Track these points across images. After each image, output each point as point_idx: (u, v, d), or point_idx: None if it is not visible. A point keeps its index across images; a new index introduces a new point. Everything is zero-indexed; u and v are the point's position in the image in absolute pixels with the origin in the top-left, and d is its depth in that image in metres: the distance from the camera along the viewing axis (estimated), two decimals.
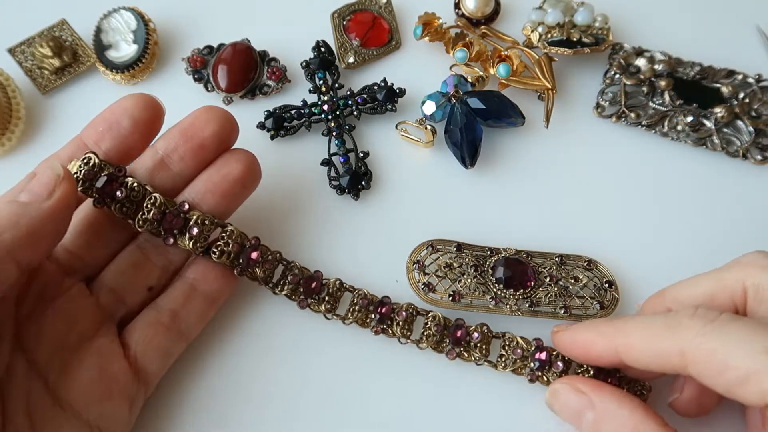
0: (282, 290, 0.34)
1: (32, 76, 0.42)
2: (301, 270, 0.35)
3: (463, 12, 0.44)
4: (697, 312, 0.27)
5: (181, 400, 0.34)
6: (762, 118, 0.40)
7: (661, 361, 0.28)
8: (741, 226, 0.39)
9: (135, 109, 0.31)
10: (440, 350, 0.34)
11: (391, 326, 0.34)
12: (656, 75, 0.42)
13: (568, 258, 0.37)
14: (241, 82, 0.41)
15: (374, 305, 0.34)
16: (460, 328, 0.34)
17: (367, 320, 0.34)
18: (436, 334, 0.34)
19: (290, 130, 0.40)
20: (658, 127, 0.41)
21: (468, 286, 0.35)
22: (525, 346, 0.33)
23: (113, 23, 0.42)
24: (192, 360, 0.35)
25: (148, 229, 0.32)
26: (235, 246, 0.33)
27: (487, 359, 0.34)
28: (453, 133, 0.39)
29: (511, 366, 0.33)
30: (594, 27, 0.42)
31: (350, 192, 0.39)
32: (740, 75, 0.42)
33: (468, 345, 0.34)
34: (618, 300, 0.36)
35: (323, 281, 0.35)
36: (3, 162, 0.40)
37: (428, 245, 0.36)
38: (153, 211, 0.31)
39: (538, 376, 0.33)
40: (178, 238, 0.32)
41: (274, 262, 0.34)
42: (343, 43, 0.43)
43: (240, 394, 0.34)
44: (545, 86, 0.40)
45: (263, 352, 0.35)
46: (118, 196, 0.31)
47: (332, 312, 0.34)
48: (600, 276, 0.36)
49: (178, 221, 0.32)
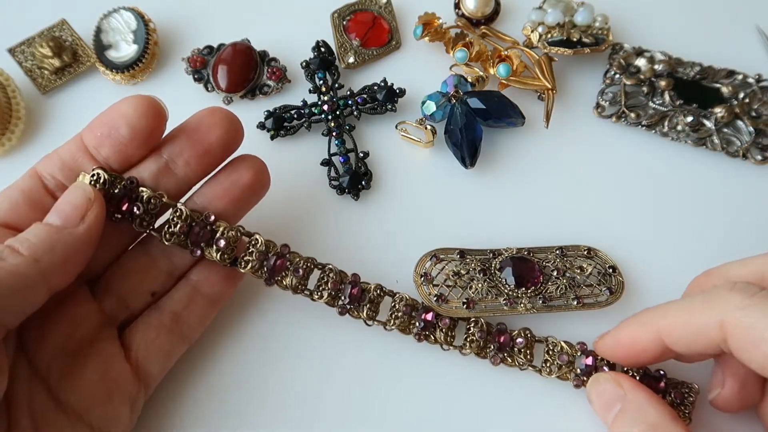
0: (321, 297, 0.33)
1: (32, 76, 0.42)
2: (338, 274, 0.33)
3: (463, 12, 0.44)
4: (736, 286, 0.27)
5: (181, 400, 0.34)
6: (762, 118, 0.40)
7: (702, 338, 0.28)
8: (741, 226, 0.39)
9: (134, 116, 0.30)
10: (483, 356, 0.34)
11: (434, 332, 0.34)
12: (656, 75, 0.42)
13: (568, 249, 0.37)
14: (241, 82, 0.41)
15: (417, 311, 0.34)
16: (503, 333, 0.34)
17: (409, 326, 0.34)
18: (480, 340, 0.33)
19: (290, 130, 0.40)
20: (658, 127, 0.41)
21: (480, 292, 0.35)
22: (570, 351, 0.33)
23: (113, 23, 0.42)
24: (193, 360, 0.35)
25: (176, 243, 0.31)
26: (261, 255, 0.32)
27: (531, 364, 0.34)
28: (453, 133, 0.39)
29: (557, 372, 0.33)
30: (594, 27, 0.42)
31: (350, 192, 0.39)
32: (740, 75, 0.42)
33: (512, 350, 0.34)
34: (623, 283, 0.36)
35: (363, 286, 0.34)
36: (3, 162, 0.40)
37: (431, 256, 0.36)
38: (180, 224, 0.31)
39: (584, 381, 0.33)
40: (206, 250, 0.32)
41: (304, 268, 0.33)
42: (343, 43, 0.43)
43: (246, 393, 0.34)
44: (545, 86, 0.40)
45: (266, 353, 0.35)
46: (135, 213, 0.31)
47: (373, 319, 0.33)
48: (602, 262, 0.37)
49: (206, 233, 0.31)
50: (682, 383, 0.33)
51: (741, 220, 0.39)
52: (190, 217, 0.31)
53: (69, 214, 0.28)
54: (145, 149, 0.31)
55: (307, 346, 0.35)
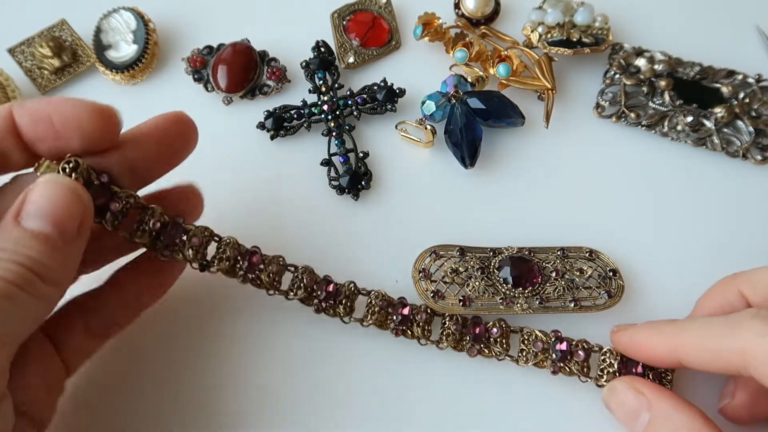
0: (296, 295, 0.33)
1: (32, 76, 0.42)
2: (311, 274, 0.33)
3: (463, 12, 0.44)
4: (759, 314, 0.27)
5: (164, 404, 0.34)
6: (762, 118, 0.40)
7: (720, 361, 0.28)
8: (741, 226, 0.39)
9: (88, 127, 0.28)
10: (460, 349, 0.34)
11: (411, 327, 0.34)
12: (656, 75, 0.42)
13: (569, 250, 0.37)
14: (241, 82, 0.41)
15: (393, 306, 0.34)
16: (478, 324, 0.34)
17: (387, 322, 0.34)
18: (456, 333, 0.34)
19: (290, 130, 0.40)
20: (658, 127, 0.41)
21: (477, 290, 0.35)
22: (545, 339, 0.34)
23: (113, 23, 0.42)
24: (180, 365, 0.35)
25: (145, 241, 0.30)
26: (234, 251, 0.32)
27: (508, 354, 0.34)
28: (453, 133, 0.39)
29: (533, 359, 0.34)
30: (594, 27, 0.42)
31: (350, 192, 0.39)
32: (740, 75, 0.42)
33: (488, 341, 0.34)
34: (623, 287, 0.36)
35: (337, 285, 0.34)
36: None
37: (431, 252, 0.36)
38: (153, 221, 0.30)
39: (560, 367, 0.33)
40: (176, 251, 0.30)
41: (279, 266, 0.33)
42: (343, 43, 0.43)
43: (223, 396, 0.34)
44: (545, 86, 0.40)
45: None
46: (113, 209, 0.29)
47: (349, 315, 0.34)
48: (603, 265, 0.37)
49: (178, 234, 0.30)
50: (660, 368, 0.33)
51: (741, 220, 0.39)
52: (163, 216, 0.30)
53: (64, 223, 0.26)
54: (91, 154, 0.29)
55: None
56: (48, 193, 0.26)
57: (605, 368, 0.33)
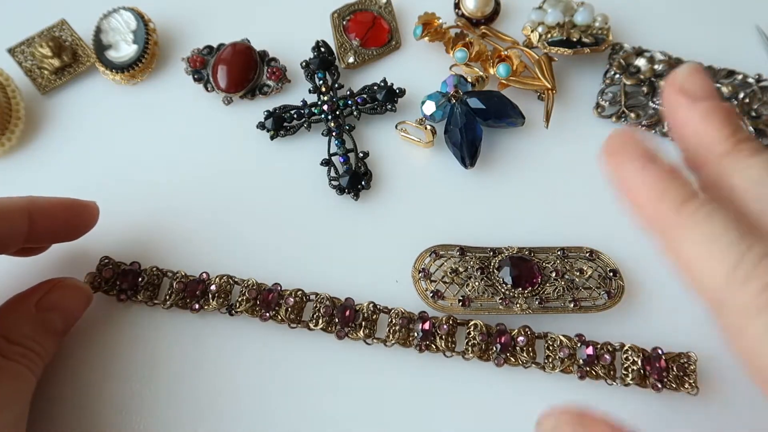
0: (317, 325, 0.34)
1: (32, 76, 0.42)
2: (331, 300, 0.34)
3: (463, 12, 0.44)
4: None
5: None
6: (762, 118, 0.40)
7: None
8: None
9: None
10: (486, 358, 0.34)
11: (434, 341, 0.34)
12: (656, 75, 0.42)
13: (570, 251, 0.37)
14: (241, 82, 0.41)
15: (413, 322, 0.34)
16: (503, 333, 0.34)
17: (409, 338, 0.34)
18: (481, 343, 0.33)
19: (290, 130, 0.40)
20: (658, 127, 0.41)
21: (476, 290, 0.35)
22: (569, 344, 0.33)
23: (113, 23, 0.42)
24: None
25: (175, 304, 0.35)
26: (252, 292, 0.35)
27: (534, 361, 0.33)
28: (453, 133, 0.39)
29: (560, 366, 0.33)
30: (594, 27, 0.42)
31: (350, 192, 0.39)
32: (740, 75, 0.42)
33: (514, 349, 0.34)
34: (624, 288, 0.36)
35: (356, 307, 0.34)
36: (3, 162, 0.40)
37: (431, 252, 0.36)
38: (176, 284, 0.35)
39: (587, 372, 0.33)
40: (203, 303, 0.35)
41: (297, 300, 0.34)
42: (343, 43, 0.43)
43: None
44: (545, 86, 0.40)
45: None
46: (139, 283, 0.35)
47: (372, 336, 0.34)
48: (603, 265, 0.36)
49: (201, 287, 0.35)
50: (679, 355, 0.33)
51: None
52: (186, 277, 0.35)
53: (74, 322, 0.34)
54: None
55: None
56: (65, 294, 0.33)
57: (629, 366, 0.33)
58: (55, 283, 0.33)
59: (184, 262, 0.37)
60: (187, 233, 0.38)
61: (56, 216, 0.33)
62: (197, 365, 0.35)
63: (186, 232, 0.38)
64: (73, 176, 0.40)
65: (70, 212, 0.34)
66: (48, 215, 0.32)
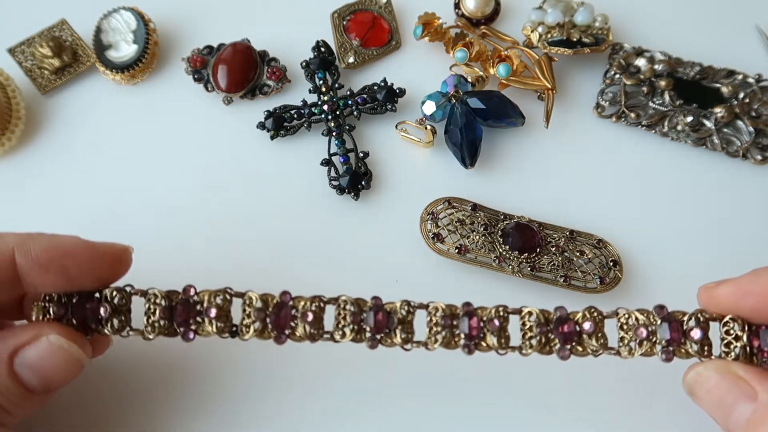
0: (344, 337, 0.28)
1: (32, 76, 0.42)
2: (356, 304, 0.29)
3: (463, 12, 0.44)
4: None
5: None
6: (762, 118, 0.40)
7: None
8: (740, 226, 0.39)
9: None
10: (548, 352, 0.28)
11: (484, 339, 0.28)
12: (656, 75, 0.42)
13: (579, 234, 0.37)
14: (241, 82, 0.41)
15: (458, 318, 0.28)
16: (565, 321, 0.28)
17: (454, 339, 0.28)
18: (540, 335, 0.28)
19: (290, 130, 0.40)
20: (658, 127, 0.41)
21: (475, 243, 0.36)
22: (647, 321, 0.27)
23: (113, 23, 0.42)
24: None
25: (161, 332, 0.28)
26: (260, 314, 0.28)
27: (607, 347, 0.28)
28: (453, 133, 0.39)
29: (639, 350, 0.27)
30: (594, 27, 0.42)
31: (350, 192, 0.39)
32: (740, 75, 0.42)
33: (580, 337, 0.28)
34: (620, 279, 0.36)
35: (387, 309, 0.29)
36: (3, 162, 0.40)
37: (445, 200, 0.37)
38: (158, 309, 0.28)
39: (674, 351, 0.27)
40: (198, 327, 0.28)
41: (314, 310, 0.28)
42: (343, 43, 0.43)
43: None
44: (545, 86, 0.40)
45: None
46: (102, 315, 0.28)
47: (410, 341, 0.29)
48: (606, 254, 0.37)
49: (190, 309, 0.28)
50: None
51: (741, 220, 0.39)
52: (167, 298, 0.28)
53: (54, 384, 0.27)
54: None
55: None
56: (45, 355, 0.27)
57: (730, 342, 0.27)
58: (36, 335, 0.27)
59: (182, 266, 0.37)
60: (186, 233, 0.38)
61: (75, 261, 0.27)
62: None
63: (185, 232, 0.38)
64: (73, 176, 0.40)
65: (97, 260, 0.28)
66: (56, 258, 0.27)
